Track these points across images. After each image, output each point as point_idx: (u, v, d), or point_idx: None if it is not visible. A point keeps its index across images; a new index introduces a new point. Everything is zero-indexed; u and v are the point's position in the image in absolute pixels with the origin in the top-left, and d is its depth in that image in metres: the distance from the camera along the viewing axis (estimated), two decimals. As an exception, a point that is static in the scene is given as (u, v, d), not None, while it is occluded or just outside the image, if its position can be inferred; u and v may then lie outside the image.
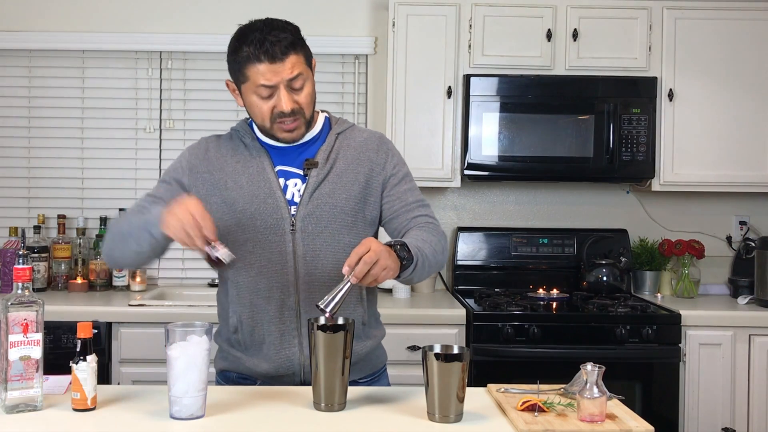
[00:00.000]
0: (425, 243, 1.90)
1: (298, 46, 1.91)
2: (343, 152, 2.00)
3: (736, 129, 3.45)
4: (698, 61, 3.44)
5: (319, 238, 1.93)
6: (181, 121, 3.74)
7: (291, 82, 1.89)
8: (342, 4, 3.72)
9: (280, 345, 1.93)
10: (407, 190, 2.03)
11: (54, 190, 3.71)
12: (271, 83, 1.87)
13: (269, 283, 1.93)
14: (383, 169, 2.01)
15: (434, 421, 1.63)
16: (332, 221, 1.94)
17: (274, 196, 1.93)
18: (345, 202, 1.96)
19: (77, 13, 3.69)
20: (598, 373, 1.61)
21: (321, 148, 1.99)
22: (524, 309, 3.18)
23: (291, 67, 1.88)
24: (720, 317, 3.20)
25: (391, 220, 2.01)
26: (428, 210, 2.04)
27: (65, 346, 2.96)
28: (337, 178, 1.96)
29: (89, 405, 1.67)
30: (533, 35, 3.43)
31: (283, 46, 1.86)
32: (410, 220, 1.99)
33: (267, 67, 1.86)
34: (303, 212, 1.93)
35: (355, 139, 2.04)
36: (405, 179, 2.04)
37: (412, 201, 2.02)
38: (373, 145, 2.03)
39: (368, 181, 1.99)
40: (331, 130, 2.03)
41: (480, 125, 3.39)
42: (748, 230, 3.77)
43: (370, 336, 2.03)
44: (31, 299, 1.66)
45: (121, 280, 3.53)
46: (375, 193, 2.00)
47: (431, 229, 1.97)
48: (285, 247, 1.92)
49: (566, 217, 3.80)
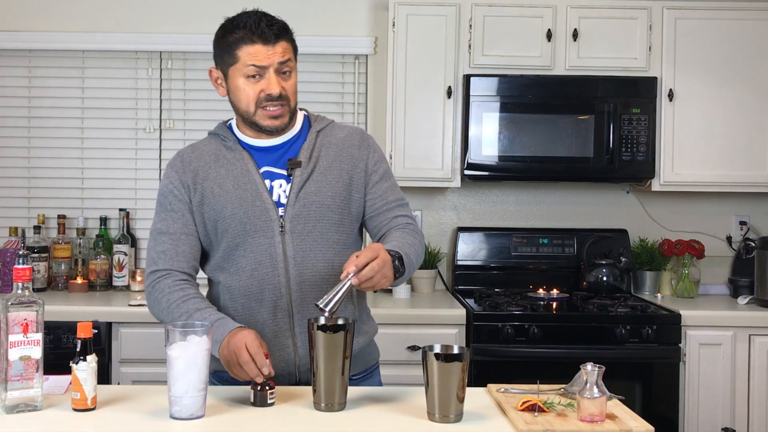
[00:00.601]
0: (411, 248, 1.93)
1: (290, 35, 1.97)
2: (325, 150, 2.01)
3: (736, 129, 3.45)
4: (698, 61, 3.44)
5: (308, 237, 1.94)
6: (181, 121, 3.74)
7: (281, 65, 1.92)
8: (342, 4, 3.72)
9: (274, 346, 1.93)
10: (388, 188, 2.05)
11: (54, 190, 3.71)
12: (263, 64, 1.90)
13: (261, 286, 1.93)
14: (366, 165, 2.03)
15: (434, 421, 1.63)
16: (320, 220, 1.95)
17: (261, 199, 1.94)
18: (331, 200, 1.96)
19: (77, 13, 3.69)
20: (598, 373, 1.61)
21: (303, 147, 2.00)
22: (524, 309, 3.18)
23: (282, 51, 1.92)
24: (720, 317, 3.20)
25: (372, 218, 2.03)
26: (407, 210, 2.07)
27: (65, 346, 2.96)
28: (321, 176, 1.97)
29: (89, 405, 1.67)
30: (533, 35, 3.43)
31: (276, 30, 1.92)
32: (390, 220, 2.01)
33: (259, 48, 1.90)
34: (291, 213, 1.93)
35: (336, 135, 2.04)
36: (385, 176, 2.06)
37: (392, 200, 2.04)
38: (354, 141, 2.04)
39: (351, 177, 2.00)
40: (311, 128, 2.04)
41: (480, 125, 3.39)
42: (748, 230, 3.77)
43: (362, 332, 2.03)
44: (31, 299, 1.66)
45: (121, 280, 3.53)
46: (358, 188, 2.01)
47: (411, 231, 2.00)
48: (275, 249, 1.93)
49: (566, 217, 3.80)
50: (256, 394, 1.73)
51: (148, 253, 1.98)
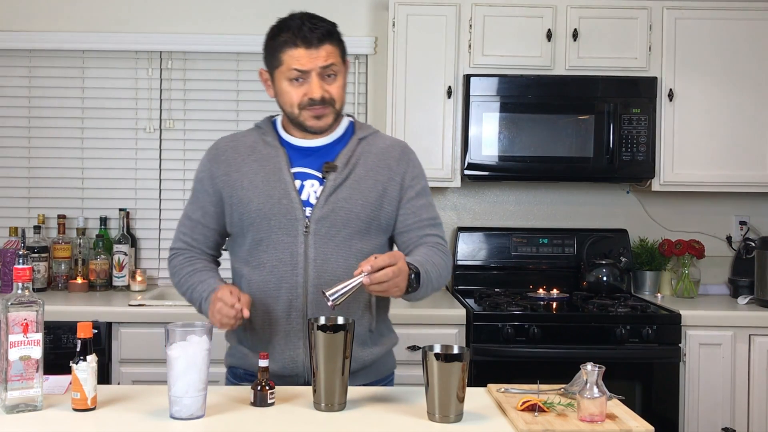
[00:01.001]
0: (434, 268, 1.92)
1: (335, 38, 1.96)
2: (363, 158, 2.00)
3: (736, 129, 3.45)
4: (698, 61, 3.44)
5: (331, 241, 1.93)
6: (181, 121, 3.73)
7: (324, 69, 1.92)
8: (342, 4, 3.72)
9: (285, 345, 1.94)
10: (422, 206, 2.03)
11: (54, 190, 3.71)
12: (305, 68, 1.90)
13: (278, 283, 1.94)
14: (402, 179, 2.01)
15: (434, 421, 1.63)
16: (346, 226, 1.94)
17: (288, 197, 1.94)
18: (361, 209, 1.95)
19: (77, 13, 3.69)
20: (598, 373, 1.62)
21: (342, 152, 1.99)
22: (524, 309, 3.18)
23: (326, 56, 1.92)
24: (720, 317, 3.20)
25: (402, 234, 2.02)
26: (439, 230, 2.04)
27: (65, 346, 2.96)
28: (356, 183, 1.96)
29: (89, 405, 1.67)
30: (533, 35, 3.43)
31: (320, 34, 1.91)
32: (420, 238, 2.00)
33: (302, 52, 1.90)
34: (318, 214, 1.93)
35: (377, 145, 2.03)
36: (422, 193, 2.04)
37: (425, 218, 2.02)
38: (395, 154, 2.03)
39: (385, 189, 1.99)
40: (354, 134, 2.04)
41: (480, 125, 3.39)
42: (748, 230, 3.77)
43: (378, 343, 2.03)
44: (31, 299, 1.67)
45: (121, 280, 3.53)
46: (391, 201, 2.00)
47: (439, 252, 1.99)
48: (297, 249, 1.93)
49: (566, 217, 3.80)
50: (256, 394, 1.73)
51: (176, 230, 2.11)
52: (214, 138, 3.99)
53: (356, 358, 1.93)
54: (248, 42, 3.62)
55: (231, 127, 3.72)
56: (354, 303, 1.93)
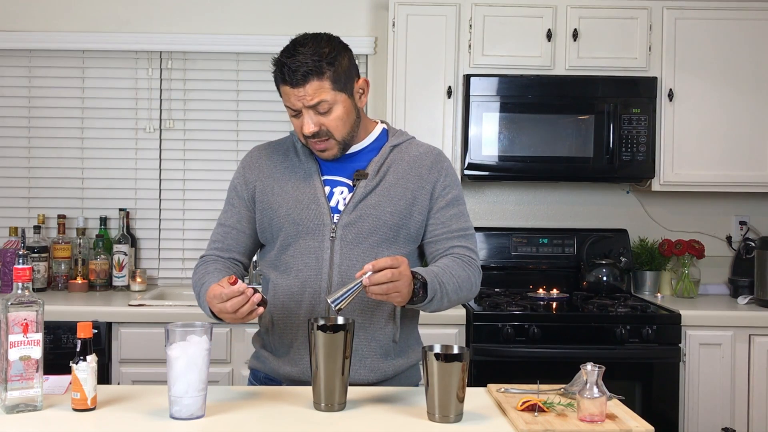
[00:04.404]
0: (452, 278, 1.88)
1: (323, 71, 1.85)
2: (395, 165, 1.98)
3: (736, 129, 3.45)
4: (698, 61, 3.44)
5: (357, 248, 1.92)
6: (181, 121, 3.73)
7: (314, 107, 1.88)
8: (342, 4, 3.72)
9: (305, 350, 1.92)
10: (453, 216, 1.99)
11: (54, 190, 3.71)
12: (294, 107, 1.89)
13: (302, 288, 1.93)
14: (433, 188, 1.99)
15: (434, 421, 1.63)
16: (373, 233, 1.93)
17: (317, 203, 1.94)
18: (389, 216, 1.94)
19: (77, 13, 3.69)
20: (598, 373, 1.61)
21: (373, 160, 1.98)
22: (524, 309, 3.18)
23: (312, 94, 1.86)
24: (720, 317, 3.20)
25: (429, 244, 2.00)
26: (469, 241, 2.00)
27: (65, 346, 2.96)
28: (385, 191, 1.95)
29: (89, 405, 1.67)
30: (533, 35, 3.43)
31: (301, 73, 1.84)
32: (447, 249, 1.97)
33: (289, 90, 1.88)
34: (345, 220, 1.92)
35: (410, 153, 2.01)
36: (453, 203, 2.00)
37: (455, 228, 1.99)
38: (427, 162, 2.01)
39: (415, 197, 1.97)
40: (388, 141, 2.02)
41: (480, 125, 3.39)
42: (748, 230, 3.77)
43: (403, 355, 2.01)
44: (31, 299, 1.66)
45: (121, 280, 3.53)
46: (421, 210, 1.97)
47: (464, 263, 1.95)
48: (323, 254, 1.92)
49: (566, 217, 3.80)
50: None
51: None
52: (214, 138, 4.01)
53: (377, 369, 1.94)
54: (248, 42, 3.62)
55: (231, 127, 3.73)
56: (377, 312, 1.93)
